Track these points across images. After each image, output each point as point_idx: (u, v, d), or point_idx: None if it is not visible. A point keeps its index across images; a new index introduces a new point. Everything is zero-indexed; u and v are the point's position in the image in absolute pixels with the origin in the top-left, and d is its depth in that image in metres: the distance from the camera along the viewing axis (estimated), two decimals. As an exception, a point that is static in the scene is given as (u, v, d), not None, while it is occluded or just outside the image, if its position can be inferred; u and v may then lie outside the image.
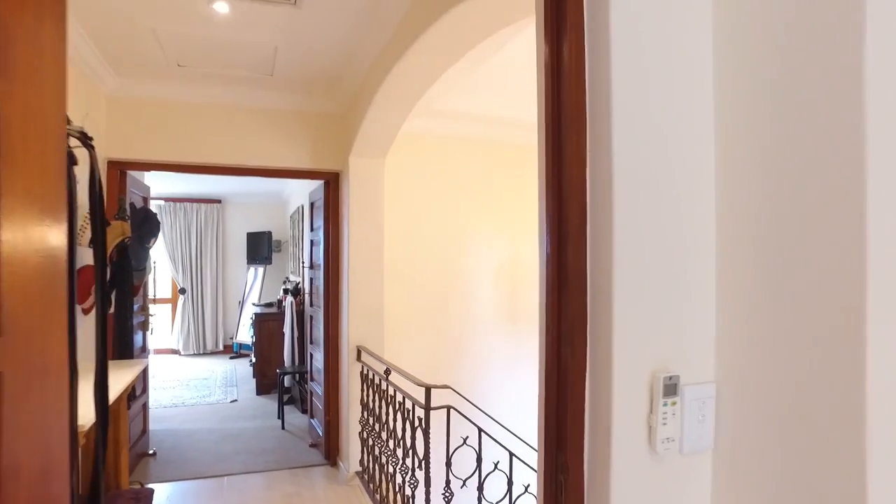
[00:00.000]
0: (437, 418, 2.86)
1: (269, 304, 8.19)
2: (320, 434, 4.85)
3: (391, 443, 3.30)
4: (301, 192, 7.52)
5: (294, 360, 6.66)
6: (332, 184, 4.54)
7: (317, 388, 5.08)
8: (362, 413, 4.00)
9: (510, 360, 4.94)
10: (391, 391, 3.28)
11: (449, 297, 4.83)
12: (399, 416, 3.15)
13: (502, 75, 3.76)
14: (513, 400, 4.62)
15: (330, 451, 4.64)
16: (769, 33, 1.03)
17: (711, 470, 1.16)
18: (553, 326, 1.21)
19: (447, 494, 2.77)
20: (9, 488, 0.73)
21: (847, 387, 0.87)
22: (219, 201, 10.04)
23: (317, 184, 4.89)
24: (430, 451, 2.80)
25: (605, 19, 1.09)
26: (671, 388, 1.10)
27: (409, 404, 3.02)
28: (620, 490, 1.09)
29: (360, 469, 4.10)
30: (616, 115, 1.08)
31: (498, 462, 2.76)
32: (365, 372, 3.97)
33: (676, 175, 1.12)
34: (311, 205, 5.29)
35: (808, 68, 0.95)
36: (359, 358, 4.13)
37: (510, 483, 2.74)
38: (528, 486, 2.73)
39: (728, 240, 1.12)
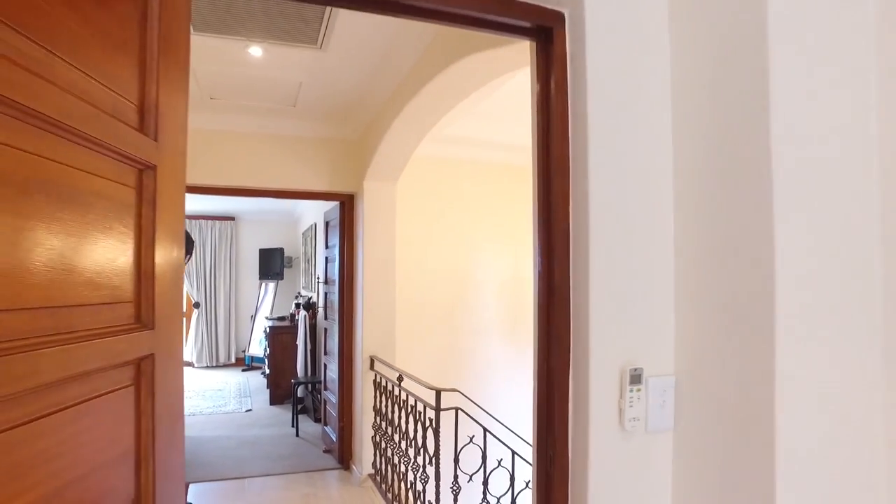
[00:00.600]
0: (446, 419, 3.13)
1: (282, 318, 8.48)
2: (334, 440, 5.11)
3: (403, 444, 3.57)
4: (313, 211, 7.84)
5: (307, 371, 6.93)
6: (346, 205, 4.85)
7: (331, 396, 5.35)
8: (375, 418, 4.27)
9: (512, 367, 5.21)
10: (403, 396, 3.55)
11: (456, 309, 5.12)
12: (411, 418, 3.42)
13: (506, 104, 4.07)
14: (515, 403, 4.87)
15: (343, 455, 4.89)
16: (711, 118, 1.33)
17: (672, 446, 1.44)
18: (544, 330, 1.51)
19: (455, 488, 3.04)
20: (160, 454, 1.01)
21: (763, 383, 1.16)
22: (232, 218, 10.38)
23: (331, 204, 5.20)
24: (440, 448, 3.07)
25: (584, 99, 1.40)
26: (636, 378, 1.39)
27: (420, 407, 3.29)
28: (597, 459, 1.38)
29: (373, 471, 4.36)
30: (592, 163, 1.38)
31: (501, 459, 3.03)
32: (378, 380, 4.25)
33: (641, 209, 1.42)
34: (326, 224, 5.60)
35: (731, 145, 1.25)
36: (372, 367, 4.40)
37: (512, 479, 3.01)
38: (529, 481, 2.99)
39: (682, 262, 1.42)
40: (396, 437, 3.71)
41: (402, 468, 3.60)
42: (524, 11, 1.42)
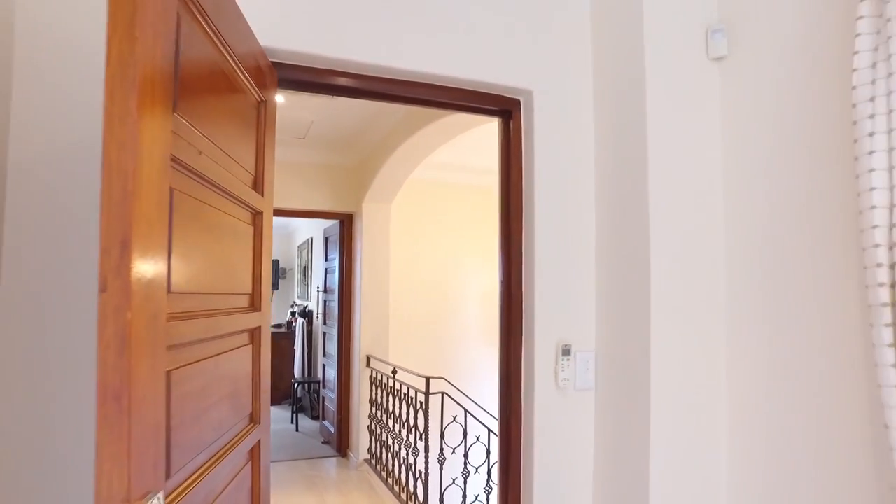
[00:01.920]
0: (434, 403, 3.71)
1: (279, 325, 9.01)
2: (332, 431, 5.66)
3: (397, 427, 4.14)
4: (308, 226, 8.40)
5: (304, 373, 7.46)
6: (346, 222, 5.45)
7: (329, 393, 5.90)
8: (371, 409, 4.83)
9: (488, 362, 5.78)
10: (398, 386, 4.13)
11: (442, 314, 5.71)
12: (404, 404, 4.00)
13: (486, 132, 4.70)
14: (490, 391, 5.43)
15: (341, 444, 5.44)
16: (615, 174, 1.96)
17: (594, 400, 2.05)
18: (505, 321, 2.11)
19: (441, 459, 3.61)
20: (263, 383, 1.59)
21: (642, 353, 1.77)
22: (232, 232, 10.87)
23: (331, 221, 5.79)
24: (429, 427, 3.65)
25: (532, 159, 2.02)
26: (567, 351, 2.00)
27: (412, 393, 3.88)
28: (540, 408, 1.98)
29: (368, 457, 4.91)
30: (538, 205, 2.00)
31: (479, 436, 3.61)
32: (374, 375, 4.82)
33: (572, 237, 2.04)
34: (326, 238, 6.18)
35: (625, 192, 1.88)
36: (368, 365, 4.98)
37: (488, 452, 3.59)
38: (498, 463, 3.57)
39: (599, 272, 2.03)
40: (391, 423, 4.28)
41: (396, 447, 4.17)
42: (493, 100, 2.05)
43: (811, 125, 1.57)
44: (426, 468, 3.64)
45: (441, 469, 3.63)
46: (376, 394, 4.69)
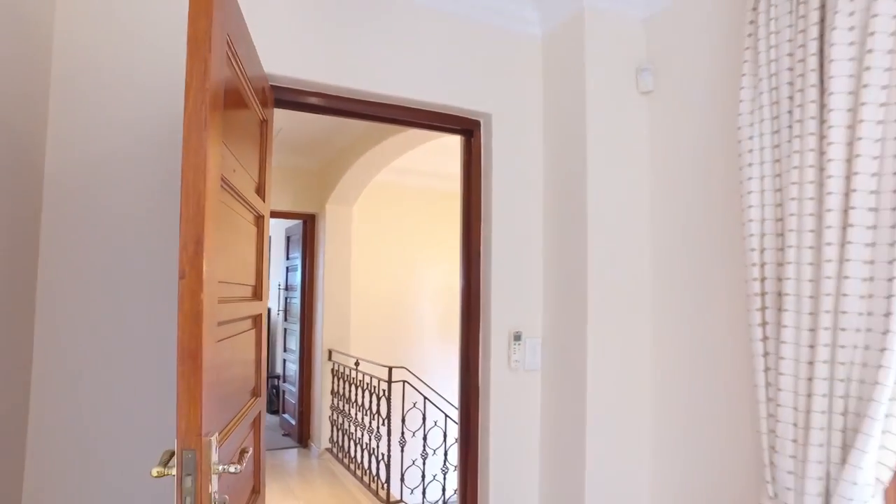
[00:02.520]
0: (395, 391, 4.00)
1: (236, 322, 9.04)
2: (293, 423, 5.85)
3: (359, 415, 4.40)
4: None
5: (263, 369, 7.56)
6: (309, 223, 5.65)
7: (290, 387, 6.08)
8: (332, 400, 5.07)
9: (442, 355, 6.08)
10: (360, 377, 4.39)
11: (400, 311, 5.99)
12: (367, 393, 4.26)
13: (445, 142, 5.02)
14: (444, 382, 5.77)
15: (302, 435, 5.64)
16: (560, 185, 2.31)
17: (540, 378, 2.39)
18: (465, 312, 2.42)
19: (402, 442, 3.90)
20: (262, 364, 1.85)
21: (581, 341, 2.12)
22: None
23: (293, 221, 5.97)
24: (391, 412, 3.93)
25: (490, 172, 2.35)
26: (518, 337, 2.33)
27: (375, 382, 4.14)
28: (495, 384, 2.30)
29: (329, 445, 5.14)
30: (495, 212, 2.33)
31: (437, 421, 3.92)
32: (335, 368, 5.05)
33: (523, 239, 2.37)
34: (288, 238, 6.36)
35: (567, 202, 2.23)
36: (330, 358, 5.20)
37: (445, 435, 3.90)
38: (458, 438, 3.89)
39: (546, 270, 2.38)
40: (353, 411, 4.53)
41: (359, 434, 4.43)
42: (457, 121, 2.36)
43: (716, 149, 1.96)
44: (388, 451, 3.92)
45: (402, 451, 3.92)
46: (338, 385, 4.93)
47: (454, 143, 2.67)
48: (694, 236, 2.04)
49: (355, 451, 4.48)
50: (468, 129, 2.40)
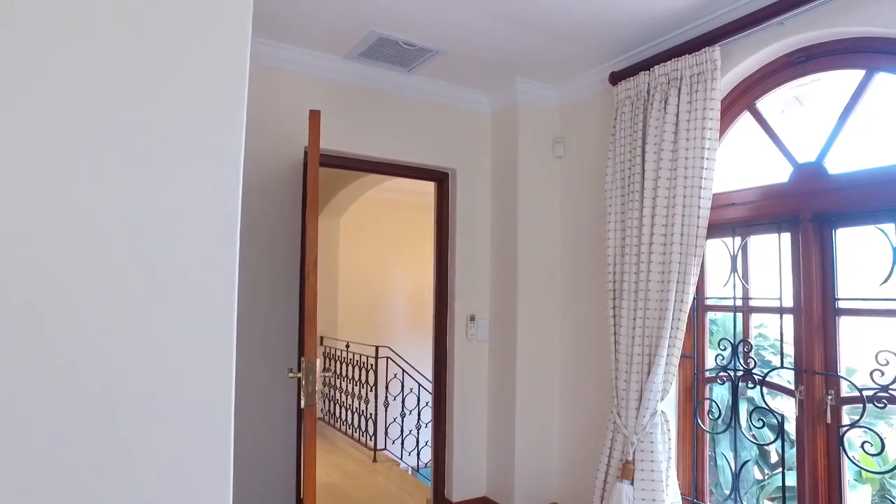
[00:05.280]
0: (380, 366, 5.00)
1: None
2: (287, 399, 6.75)
3: (350, 386, 5.38)
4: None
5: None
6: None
7: (283, 369, 6.97)
8: (323, 377, 6.02)
9: (412, 340, 7.06)
10: (349, 356, 5.37)
11: (378, 304, 6.96)
12: (357, 368, 5.25)
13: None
14: (417, 358, 6.81)
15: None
16: (501, 218, 3.39)
17: (488, 347, 3.44)
18: (437, 301, 3.46)
19: (385, 404, 4.91)
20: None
21: (512, 321, 3.19)
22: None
23: (288, 229, 6.86)
24: (378, 383, 4.93)
25: (455, 210, 3.39)
26: (473, 318, 3.38)
27: (363, 360, 5.13)
28: (457, 352, 3.35)
29: (321, 415, 6.09)
30: (457, 236, 3.37)
31: (412, 388, 4.94)
32: (326, 351, 6.01)
33: (476, 252, 3.42)
34: (281, 242, 7.24)
35: (505, 230, 3.30)
36: (321, 343, 6.16)
37: (418, 399, 4.93)
38: (428, 402, 4.91)
39: (493, 270, 3.44)
40: (343, 384, 5.51)
41: (350, 401, 5.41)
42: (432, 174, 3.39)
43: (595, 198, 3.05)
44: (375, 411, 4.91)
45: (386, 411, 4.92)
46: (330, 364, 5.90)
47: (430, 184, 3.70)
48: (582, 252, 3.13)
49: (345, 415, 5.46)
50: (440, 178, 3.43)
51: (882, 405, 1.95)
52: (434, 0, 2.38)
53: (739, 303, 2.49)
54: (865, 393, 1.99)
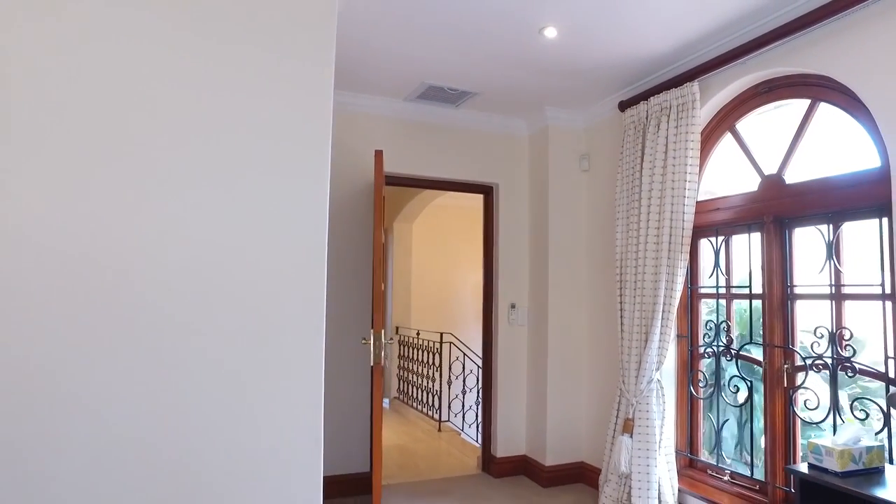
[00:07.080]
0: (444, 350, 5.71)
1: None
2: (369, 381, 7.65)
3: (421, 368, 6.14)
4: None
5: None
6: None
7: (366, 355, 7.89)
8: (399, 361, 6.84)
9: (477, 325, 7.74)
10: (420, 342, 6.14)
11: (446, 298, 7.70)
12: (425, 352, 6.00)
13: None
14: (476, 343, 7.47)
15: (376, 389, 7.43)
16: (534, 225, 4.00)
17: (527, 330, 4.06)
18: (487, 294, 4.11)
19: (449, 382, 5.63)
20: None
21: (544, 308, 3.79)
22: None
23: (368, 233, 7.77)
24: (442, 364, 5.65)
25: (499, 219, 4.04)
26: (514, 306, 4.00)
27: (430, 345, 5.88)
28: (501, 335, 3.99)
29: (397, 395, 6.91)
30: (501, 242, 4.01)
31: (472, 370, 5.62)
32: (401, 338, 6.82)
33: (516, 254, 4.04)
34: (363, 245, 8.17)
35: (538, 236, 3.92)
36: (397, 332, 6.98)
37: (477, 379, 5.60)
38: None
39: (531, 269, 4.05)
40: (415, 367, 6.29)
41: (421, 381, 6.18)
42: (479, 188, 4.04)
43: (612, 206, 3.59)
44: (440, 389, 5.63)
45: (449, 388, 5.64)
46: (403, 350, 6.70)
47: (479, 195, 4.35)
48: (600, 252, 3.67)
49: (417, 393, 6.23)
50: (486, 191, 4.09)
51: (817, 370, 2.40)
52: (469, 57, 3.04)
53: (723, 291, 2.96)
54: (808, 362, 2.44)
